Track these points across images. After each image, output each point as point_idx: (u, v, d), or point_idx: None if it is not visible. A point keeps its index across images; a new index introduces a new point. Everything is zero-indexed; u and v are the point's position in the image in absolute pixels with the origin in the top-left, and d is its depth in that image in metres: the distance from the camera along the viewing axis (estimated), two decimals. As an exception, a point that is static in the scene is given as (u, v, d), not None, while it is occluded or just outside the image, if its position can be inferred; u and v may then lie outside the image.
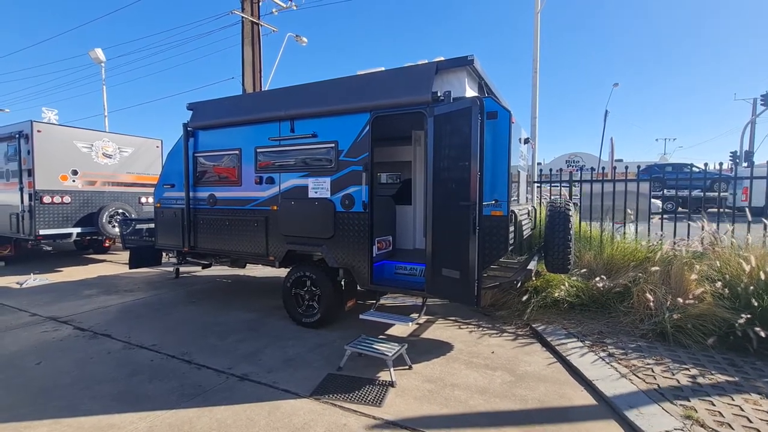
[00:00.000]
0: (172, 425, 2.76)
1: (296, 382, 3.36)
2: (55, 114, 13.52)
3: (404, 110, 4.05)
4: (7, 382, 3.42)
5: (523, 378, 3.43)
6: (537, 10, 7.64)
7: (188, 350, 4.04)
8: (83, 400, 3.10)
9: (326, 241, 4.48)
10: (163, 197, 5.99)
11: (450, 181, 3.70)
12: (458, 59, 3.92)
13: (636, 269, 4.85)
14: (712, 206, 6.05)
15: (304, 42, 14.92)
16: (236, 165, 5.19)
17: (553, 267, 4.54)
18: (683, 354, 3.69)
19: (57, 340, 4.38)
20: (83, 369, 3.65)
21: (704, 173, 6.63)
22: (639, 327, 4.21)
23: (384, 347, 3.52)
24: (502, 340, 4.31)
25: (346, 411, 2.93)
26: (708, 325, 3.82)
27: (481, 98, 3.48)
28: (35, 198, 7.97)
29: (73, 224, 8.53)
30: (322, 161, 4.53)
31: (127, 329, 4.69)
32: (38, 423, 2.81)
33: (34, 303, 5.85)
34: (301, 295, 4.75)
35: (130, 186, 9.51)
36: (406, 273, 4.51)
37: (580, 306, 4.86)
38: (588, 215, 6.15)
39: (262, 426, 2.75)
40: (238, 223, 5.18)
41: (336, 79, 4.59)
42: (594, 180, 6.15)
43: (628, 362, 3.55)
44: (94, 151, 8.85)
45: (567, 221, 4.45)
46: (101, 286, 6.97)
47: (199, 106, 5.62)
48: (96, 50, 16.82)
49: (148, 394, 3.18)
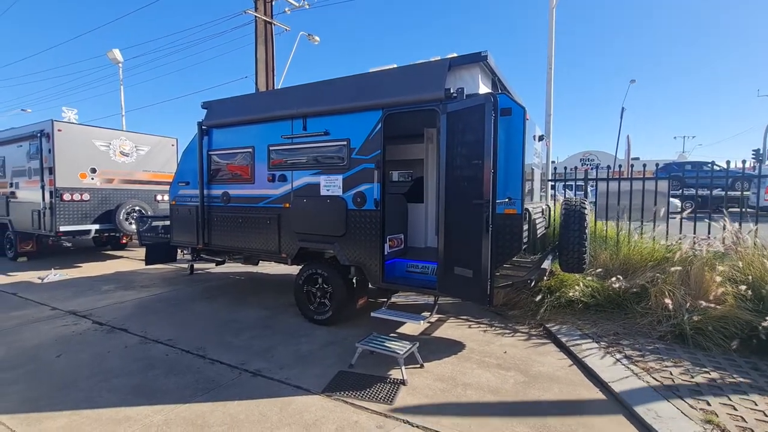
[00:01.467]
0: (186, 419, 2.80)
1: (308, 378, 3.37)
2: (74, 113, 13.86)
3: (417, 107, 4.02)
4: (30, 374, 3.52)
5: (536, 378, 3.39)
6: (552, 5, 7.51)
7: (202, 345, 4.10)
8: (101, 393, 3.17)
9: (338, 239, 4.49)
10: (178, 195, 6.09)
11: (463, 178, 3.67)
12: (471, 55, 3.87)
13: (654, 269, 4.73)
14: (734, 206, 5.86)
15: (316, 41, 14.98)
16: (249, 163, 5.23)
17: (568, 266, 4.46)
18: (703, 357, 3.59)
19: (76, 333, 4.50)
20: (101, 362, 3.73)
21: (726, 171, 6.42)
22: (657, 328, 4.11)
23: (395, 345, 3.52)
24: (515, 340, 4.26)
25: (357, 408, 2.93)
26: (730, 328, 3.71)
27: (495, 95, 3.43)
28: (56, 195, 8.19)
29: (91, 221, 8.75)
30: (334, 159, 4.53)
31: (143, 324, 4.79)
32: (59, 414, 2.88)
33: (55, 297, 6.01)
34: (312, 292, 4.78)
35: (146, 184, 9.69)
36: (417, 271, 4.49)
37: (595, 306, 4.77)
38: (603, 214, 6.03)
39: (274, 421, 2.77)
40: (251, 220, 5.23)
41: (348, 77, 4.59)
42: (610, 178, 6.02)
43: (645, 364, 3.47)
44: (111, 149, 9.05)
45: (582, 220, 4.37)
46: (118, 281, 7.13)
47: (214, 105, 5.69)
48: (114, 51, 17.19)
49: (163, 388, 3.24)
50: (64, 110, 13.65)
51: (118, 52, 17.30)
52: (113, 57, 17.33)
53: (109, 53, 17.21)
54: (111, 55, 17.24)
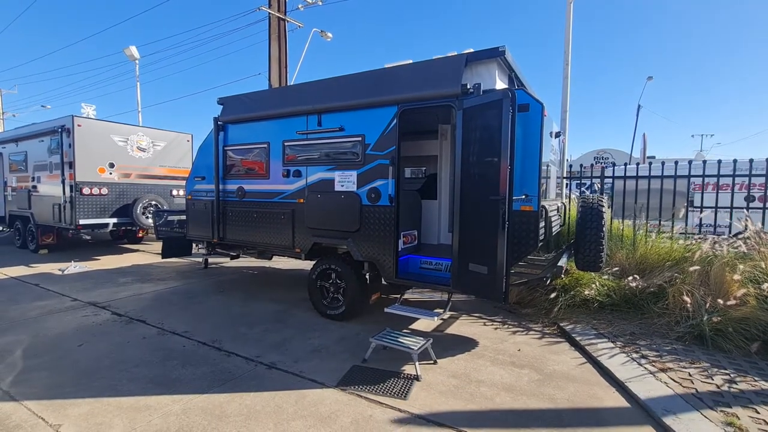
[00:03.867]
0: (204, 409, 2.86)
1: (322, 372, 3.41)
2: (93, 109, 14.15)
3: (432, 103, 4.00)
4: (54, 362, 3.63)
5: (551, 377, 3.36)
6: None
7: (218, 338, 4.17)
8: (122, 381, 3.25)
9: (352, 235, 4.50)
10: (194, 189, 6.18)
11: (479, 175, 3.64)
12: (489, 51, 3.83)
13: (672, 269, 4.65)
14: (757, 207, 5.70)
15: (329, 37, 14.98)
16: (264, 158, 5.28)
17: (584, 265, 4.41)
18: (723, 359, 3.51)
19: (97, 324, 4.61)
20: (121, 352, 3.83)
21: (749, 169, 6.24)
22: (674, 329, 4.04)
23: (409, 341, 3.53)
24: (529, 338, 4.23)
25: (371, 402, 2.95)
26: (751, 330, 3.63)
27: (512, 90, 3.40)
28: (76, 189, 8.38)
29: (109, 215, 8.94)
30: (349, 155, 4.54)
31: (160, 316, 4.88)
32: (82, 401, 2.97)
33: (75, 289, 6.17)
34: (326, 287, 4.81)
35: (163, 179, 9.86)
36: (431, 268, 4.48)
37: (611, 306, 4.71)
38: (620, 212, 5.93)
39: (290, 413, 2.80)
40: (265, 215, 5.28)
41: (363, 73, 4.58)
42: (628, 176, 5.91)
43: (663, 365, 3.41)
44: (129, 144, 9.22)
45: (600, 218, 4.31)
46: (135, 274, 7.28)
47: (229, 101, 5.74)
48: (131, 48, 17.44)
49: (180, 378, 3.30)
50: (83, 106, 13.96)
51: (134, 49, 17.54)
52: (130, 54, 17.58)
53: (126, 50, 17.46)
54: (128, 52, 17.49)
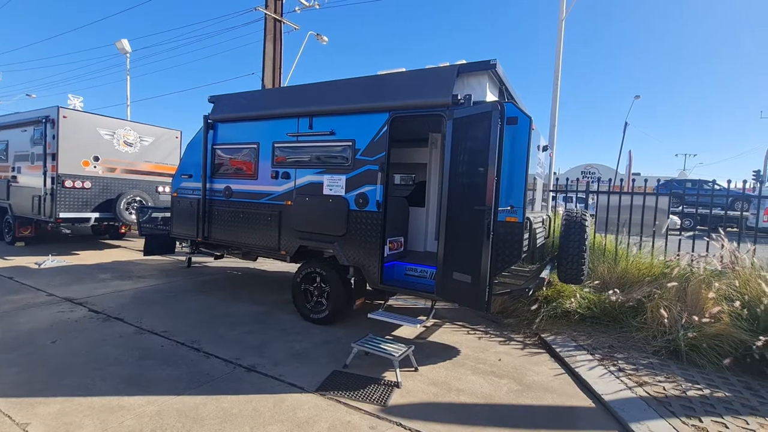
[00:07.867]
0: (179, 411, 2.80)
1: (302, 376, 3.37)
2: (80, 101, 13.82)
3: (423, 112, 4.05)
4: (24, 358, 3.51)
5: (530, 387, 3.39)
6: (561, 17, 7.57)
7: (197, 338, 4.10)
8: (95, 381, 3.17)
9: (338, 239, 4.50)
10: (180, 187, 6.10)
11: (466, 184, 3.69)
12: (480, 63, 3.90)
13: (651, 284, 4.75)
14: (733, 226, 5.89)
15: (324, 41, 15.03)
16: (253, 159, 5.25)
17: (566, 277, 4.48)
18: (696, 374, 3.60)
19: (72, 320, 4.49)
20: (96, 350, 3.73)
21: (726, 191, 6.46)
22: (651, 343, 4.12)
23: (391, 347, 3.52)
24: (510, 348, 4.27)
25: (350, 408, 2.94)
26: (724, 346, 3.72)
27: (502, 103, 3.46)
28: (57, 182, 8.18)
29: (91, 209, 8.74)
30: (338, 159, 4.55)
31: (139, 314, 4.78)
32: (52, 399, 2.88)
33: (51, 284, 6.00)
34: (310, 291, 4.78)
35: (148, 174, 9.69)
36: (416, 275, 4.49)
37: (591, 318, 4.78)
38: (603, 227, 6.05)
39: (266, 418, 2.77)
40: (252, 216, 5.23)
41: (356, 78, 4.61)
42: (611, 192, 6.05)
43: (639, 378, 3.48)
44: (115, 138, 9.05)
45: (583, 231, 4.39)
46: (116, 270, 7.12)
47: (221, 99, 5.70)
48: (122, 41, 17.21)
49: (157, 379, 3.23)
50: (70, 97, 13.62)
51: (126, 42, 17.31)
52: (121, 47, 17.34)
53: (117, 43, 17.22)
54: (119, 45, 17.25)
